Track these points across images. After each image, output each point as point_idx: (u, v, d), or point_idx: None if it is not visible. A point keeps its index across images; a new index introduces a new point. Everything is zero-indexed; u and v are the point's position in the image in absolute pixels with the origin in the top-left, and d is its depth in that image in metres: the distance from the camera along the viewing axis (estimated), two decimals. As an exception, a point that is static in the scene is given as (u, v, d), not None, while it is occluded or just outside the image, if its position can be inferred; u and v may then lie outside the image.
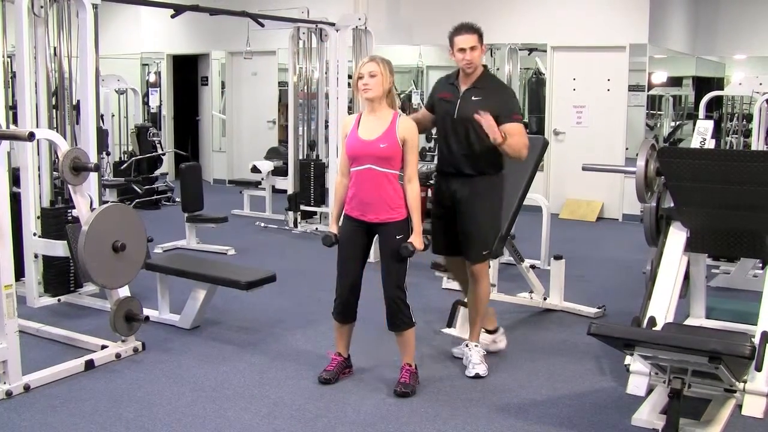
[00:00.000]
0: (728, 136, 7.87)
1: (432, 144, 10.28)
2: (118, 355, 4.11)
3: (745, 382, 3.48)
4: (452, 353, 4.23)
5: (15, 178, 4.93)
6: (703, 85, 10.67)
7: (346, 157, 3.70)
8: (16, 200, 4.83)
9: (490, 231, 3.94)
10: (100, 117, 6.83)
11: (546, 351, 4.38)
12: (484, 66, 3.95)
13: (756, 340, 3.43)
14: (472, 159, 3.85)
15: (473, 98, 3.82)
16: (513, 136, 3.71)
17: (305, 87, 8.24)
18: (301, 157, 8.18)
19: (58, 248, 4.89)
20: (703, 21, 10.38)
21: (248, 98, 11.45)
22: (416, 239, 3.61)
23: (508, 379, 3.90)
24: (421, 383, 3.78)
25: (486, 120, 3.63)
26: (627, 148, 8.64)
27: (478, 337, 4.07)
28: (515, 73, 9.75)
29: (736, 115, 7.71)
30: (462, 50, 3.80)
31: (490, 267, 4.33)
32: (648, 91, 9.12)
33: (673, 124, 11.20)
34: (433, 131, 4.33)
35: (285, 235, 7.86)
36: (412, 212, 3.63)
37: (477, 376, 3.88)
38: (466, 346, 4.05)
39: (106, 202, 5.31)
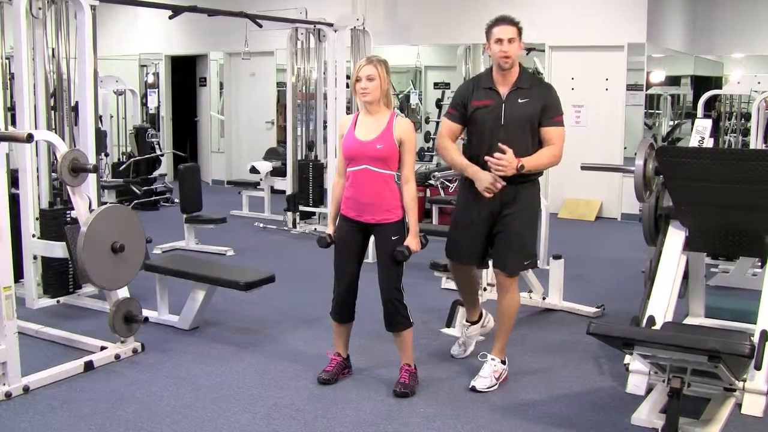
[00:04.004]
0: (726, 135, 7.85)
1: (430, 144, 10.28)
2: (117, 356, 4.11)
3: (744, 380, 3.48)
4: (450, 353, 4.23)
5: (14, 179, 4.92)
6: (701, 84, 10.69)
7: (343, 158, 3.70)
8: (14, 202, 4.82)
9: (530, 240, 3.79)
10: (98, 118, 6.83)
11: (545, 351, 4.38)
12: (520, 65, 3.70)
13: (755, 339, 3.44)
14: None
15: (519, 101, 3.62)
16: (544, 148, 3.61)
17: (303, 87, 8.25)
18: (299, 158, 8.18)
19: (57, 249, 4.89)
20: (701, 20, 10.39)
21: (247, 99, 11.45)
22: (412, 240, 3.60)
23: (508, 379, 3.89)
24: (420, 383, 3.78)
25: (496, 163, 3.52)
26: (625, 148, 8.65)
27: (502, 352, 3.84)
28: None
29: (735, 114, 7.69)
30: (499, 41, 3.58)
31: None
32: (646, 91, 9.12)
33: (671, 123, 11.21)
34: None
35: (284, 235, 7.86)
36: (409, 213, 3.62)
37: (473, 389, 3.73)
38: (485, 356, 3.88)
39: (105, 203, 5.29)
